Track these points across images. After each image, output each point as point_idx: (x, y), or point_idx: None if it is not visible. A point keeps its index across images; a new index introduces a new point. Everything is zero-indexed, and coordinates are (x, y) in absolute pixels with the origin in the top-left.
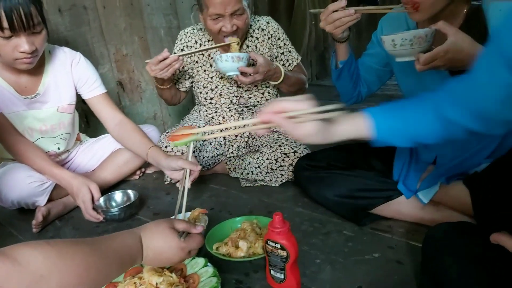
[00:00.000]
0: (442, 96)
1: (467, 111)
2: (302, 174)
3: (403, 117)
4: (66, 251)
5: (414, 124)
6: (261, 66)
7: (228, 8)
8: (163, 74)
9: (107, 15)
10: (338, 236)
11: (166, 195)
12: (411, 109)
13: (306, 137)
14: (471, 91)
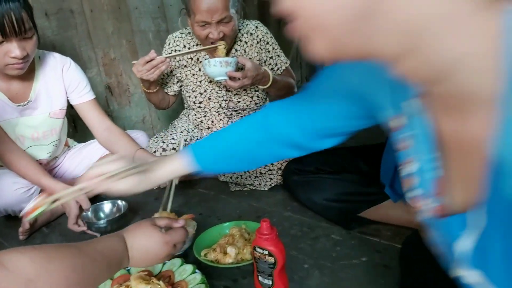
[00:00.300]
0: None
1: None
2: (291, 178)
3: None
4: (54, 254)
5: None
6: (249, 70)
7: (215, 16)
8: (150, 75)
9: (95, 18)
10: (327, 240)
11: (155, 200)
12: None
13: (129, 191)
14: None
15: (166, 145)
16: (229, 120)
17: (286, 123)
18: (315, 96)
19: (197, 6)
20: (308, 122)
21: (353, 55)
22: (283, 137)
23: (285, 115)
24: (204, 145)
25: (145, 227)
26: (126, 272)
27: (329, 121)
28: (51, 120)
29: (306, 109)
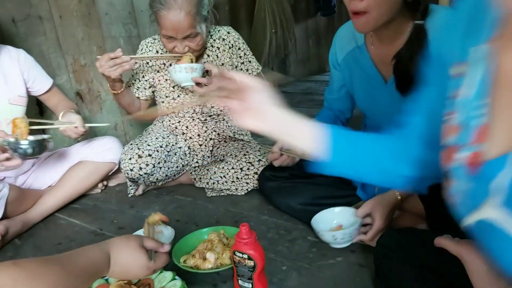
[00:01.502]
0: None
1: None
2: (267, 184)
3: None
4: (36, 272)
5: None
6: (215, 76)
7: (180, 33)
8: (111, 72)
9: (64, 25)
10: (303, 242)
11: (130, 208)
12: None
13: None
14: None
15: (141, 151)
16: (204, 125)
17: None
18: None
19: (163, 22)
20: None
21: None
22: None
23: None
24: (344, 138)
25: (133, 247)
26: (104, 282)
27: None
28: (12, 106)
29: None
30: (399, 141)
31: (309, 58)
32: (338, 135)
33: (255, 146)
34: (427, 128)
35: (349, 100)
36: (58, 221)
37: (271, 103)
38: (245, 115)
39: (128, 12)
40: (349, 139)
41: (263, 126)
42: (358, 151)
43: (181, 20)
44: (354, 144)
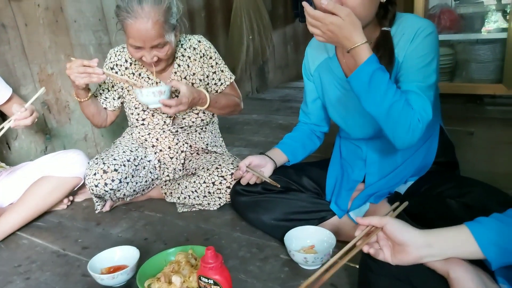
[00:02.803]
0: None
1: None
2: (239, 199)
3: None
4: None
5: None
6: (184, 96)
7: (147, 43)
8: (77, 78)
9: (30, 33)
10: (275, 261)
11: (96, 225)
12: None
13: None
14: None
15: (107, 166)
16: (175, 137)
17: None
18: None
19: (130, 31)
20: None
21: None
22: None
23: None
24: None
25: None
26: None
27: None
28: None
29: None
30: None
31: (288, 64)
32: (489, 231)
33: (228, 159)
34: None
35: (324, 112)
36: (20, 241)
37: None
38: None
39: (98, 19)
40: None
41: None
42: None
43: (149, 29)
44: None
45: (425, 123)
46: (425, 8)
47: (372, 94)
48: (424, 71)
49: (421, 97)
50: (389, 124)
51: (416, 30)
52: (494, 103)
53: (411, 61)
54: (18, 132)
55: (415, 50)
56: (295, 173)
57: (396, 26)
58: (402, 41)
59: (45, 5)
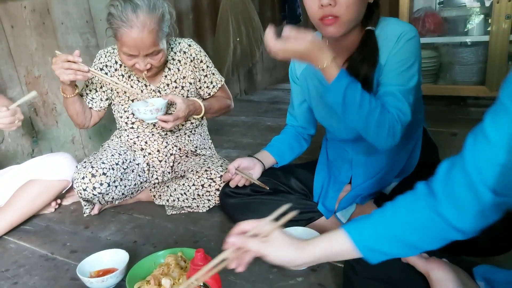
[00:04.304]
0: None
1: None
2: (228, 201)
3: (386, 224)
4: None
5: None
6: (180, 110)
7: (142, 51)
8: (61, 74)
9: (16, 35)
10: (263, 262)
11: (85, 229)
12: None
13: (277, 249)
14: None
15: (95, 170)
16: (164, 140)
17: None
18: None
19: (124, 40)
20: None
21: None
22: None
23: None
24: (363, 230)
25: None
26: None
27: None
28: None
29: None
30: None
31: (276, 66)
32: (360, 235)
33: (217, 161)
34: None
35: (311, 115)
36: (7, 245)
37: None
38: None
39: (85, 21)
40: (377, 231)
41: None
42: (396, 232)
43: (144, 38)
44: (385, 231)
45: (404, 124)
46: (410, 11)
47: (348, 108)
48: (405, 75)
49: (398, 99)
50: (369, 131)
51: (398, 34)
52: (477, 105)
53: (392, 65)
54: (4, 135)
55: (396, 54)
56: (283, 175)
57: (379, 29)
58: (385, 44)
59: (31, 7)
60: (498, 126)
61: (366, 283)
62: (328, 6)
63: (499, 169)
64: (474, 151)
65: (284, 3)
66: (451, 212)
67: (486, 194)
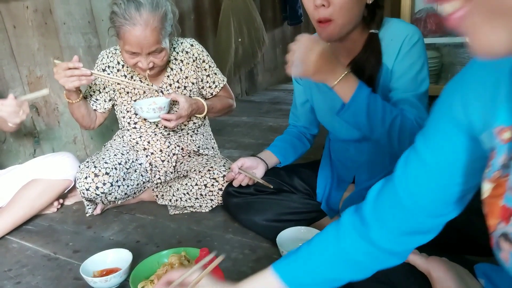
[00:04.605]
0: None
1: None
2: (231, 201)
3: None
4: None
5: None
6: (183, 109)
7: (145, 49)
8: (66, 83)
9: (18, 35)
10: (268, 262)
11: (87, 229)
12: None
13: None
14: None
15: (98, 170)
16: (166, 140)
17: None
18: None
19: (127, 38)
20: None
21: None
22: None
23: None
24: (292, 266)
25: None
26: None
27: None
28: None
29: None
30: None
31: (277, 67)
32: (290, 275)
33: (220, 161)
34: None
35: (314, 115)
36: (10, 245)
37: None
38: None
39: (87, 21)
40: (303, 268)
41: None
42: (325, 271)
43: (147, 36)
44: (313, 270)
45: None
46: (412, 12)
47: (372, 120)
48: (416, 79)
49: (414, 105)
50: (393, 140)
51: (403, 38)
52: None
53: (402, 71)
54: (6, 135)
55: (404, 59)
56: (287, 175)
57: (383, 30)
58: (391, 46)
59: (34, 7)
60: (431, 147)
61: (364, 285)
62: (322, 7)
63: (434, 191)
64: (406, 174)
65: (285, 4)
66: (383, 237)
67: (419, 217)
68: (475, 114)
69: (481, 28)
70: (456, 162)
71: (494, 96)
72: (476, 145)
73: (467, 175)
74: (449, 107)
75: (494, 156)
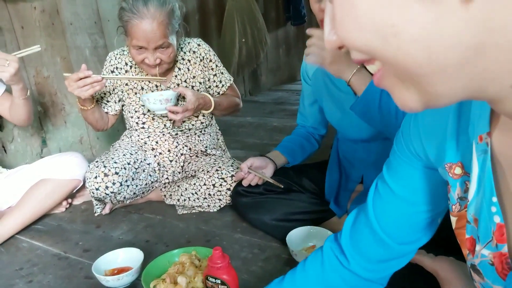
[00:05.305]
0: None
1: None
2: (240, 200)
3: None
4: None
5: None
6: (190, 102)
7: (152, 43)
8: (81, 93)
9: (26, 36)
10: (277, 261)
11: (96, 228)
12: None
13: None
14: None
15: (108, 169)
16: (174, 140)
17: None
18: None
19: (134, 31)
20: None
21: (452, 98)
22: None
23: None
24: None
25: None
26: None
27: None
28: None
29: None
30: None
31: (280, 67)
32: None
33: (227, 161)
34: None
35: (322, 115)
36: (20, 244)
37: None
38: None
39: (94, 21)
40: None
41: None
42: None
43: (154, 29)
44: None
45: None
46: None
47: (384, 115)
48: None
49: None
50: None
51: None
52: None
53: None
54: (14, 135)
55: None
56: (295, 175)
57: None
58: None
59: (41, 7)
60: (400, 180)
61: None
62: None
63: (401, 220)
64: (375, 204)
65: (288, 4)
66: (361, 266)
67: (391, 244)
68: (429, 150)
69: (396, 87)
70: (420, 191)
71: (442, 136)
72: (436, 174)
73: (432, 203)
74: (409, 141)
75: (450, 190)
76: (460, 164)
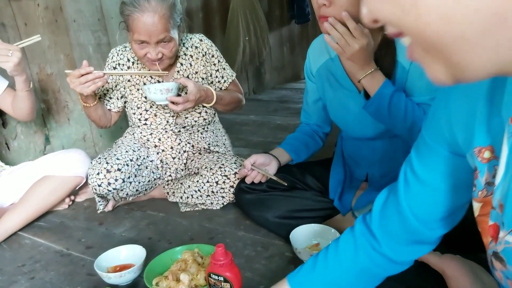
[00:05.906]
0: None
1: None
2: (243, 197)
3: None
4: None
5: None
6: (191, 94)
7: (153, 37)
8: (83, 89)
9: (29, 32)
10: (280, 259)
11: (99, 225)
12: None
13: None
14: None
15: (110, 166)
16: (177, 137)
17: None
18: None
19: (136, 25)
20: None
21: (479, 72)
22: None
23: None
24: (308, 279)
25: None
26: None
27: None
28: None
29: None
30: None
31: (284, 65)
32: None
33: (230, 158)
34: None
35: (326, 113)
36: (22, 241)
37: None
38: None
39: (97, 19)
40: (319, 280)
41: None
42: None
43: (156, 23)
44: (327, 280)
45: None
46: None
47: (393, 117)
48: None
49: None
50: (414, 137)
51: None
52: None
53: (418, 74)
54: (17, 132)
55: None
56: (299, 172)
57: None
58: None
59: (44, 4)
60: (427, 167)
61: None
62: (323, 6)
63: (433, 207)
64: (406, 190)
65: (292, 2)
66: (392, 249)
67: (421, 231)
68: (458, 135)
69: (425, 60)
70: (448, 178)
71: (472, 119)
72: (463, 162)
73: (453, 191)
74: (438, 124)
75: (477, 176)
76: (490, 147)
